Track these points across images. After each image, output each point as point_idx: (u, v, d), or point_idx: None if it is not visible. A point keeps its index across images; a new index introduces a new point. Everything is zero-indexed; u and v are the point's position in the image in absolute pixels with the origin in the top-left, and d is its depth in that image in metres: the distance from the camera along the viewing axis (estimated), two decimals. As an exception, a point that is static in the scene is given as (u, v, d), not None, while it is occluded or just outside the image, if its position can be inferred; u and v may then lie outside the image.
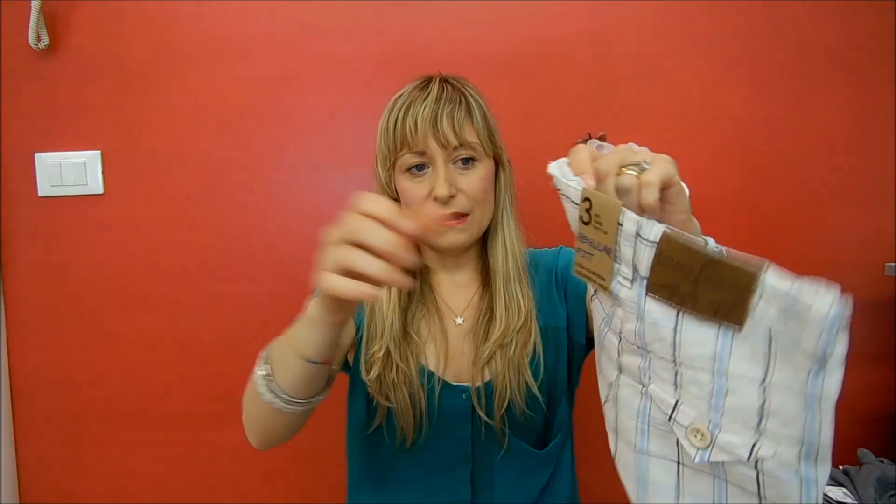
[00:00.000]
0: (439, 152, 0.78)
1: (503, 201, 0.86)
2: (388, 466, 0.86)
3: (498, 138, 0.84)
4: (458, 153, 0.79)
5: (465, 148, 0.79)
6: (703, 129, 1.20)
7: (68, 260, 1.22)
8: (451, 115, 0.78)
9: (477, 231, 0.83)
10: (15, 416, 1.24)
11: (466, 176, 0.80)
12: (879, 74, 1.18)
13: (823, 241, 1.20)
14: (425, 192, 0.79)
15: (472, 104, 0.81)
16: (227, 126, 1.21)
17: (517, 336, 0.81)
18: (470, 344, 0.84)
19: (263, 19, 1.19)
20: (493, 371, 0.81)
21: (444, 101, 0.78)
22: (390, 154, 0.81)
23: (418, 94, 0.80)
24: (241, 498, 1.24)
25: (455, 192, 0.78)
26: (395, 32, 1.19)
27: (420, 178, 0.80)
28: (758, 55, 1.19)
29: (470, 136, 0.79)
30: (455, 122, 0.78)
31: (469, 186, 0.79)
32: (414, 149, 0.78)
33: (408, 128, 0.78)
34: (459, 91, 0.81)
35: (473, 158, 0.80)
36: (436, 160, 0.78)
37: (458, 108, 0.79)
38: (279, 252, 1.22)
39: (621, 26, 1.19)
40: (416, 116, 0.78)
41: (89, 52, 1.19)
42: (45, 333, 1.23)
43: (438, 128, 0.77)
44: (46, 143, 1.20)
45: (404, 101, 0.80)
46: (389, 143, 0.81)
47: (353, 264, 0.50)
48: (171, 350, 1.23)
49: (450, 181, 0.78)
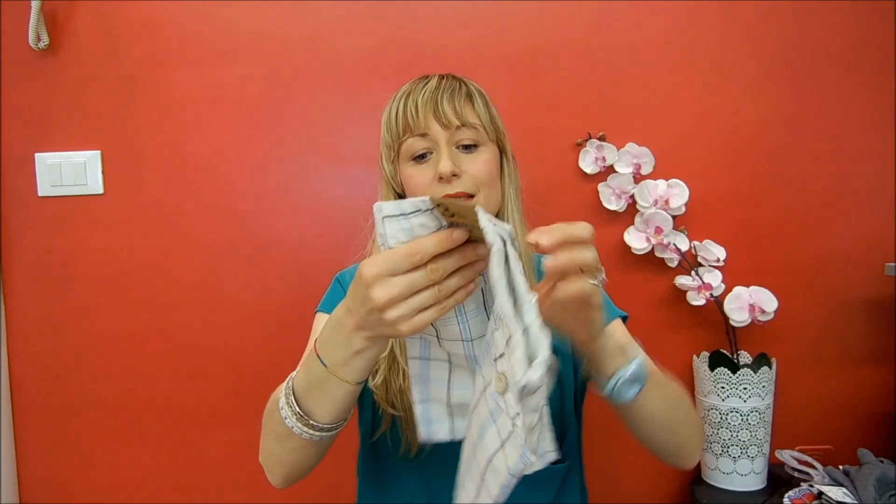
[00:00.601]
0: (441, 133, 0.78)
1: (508, 193, 0.84)
2: (393, 474, 0.85)
3: (501, 127, 0.84)
4: (460, 135, 0.78)
5: (467, 129, 0.78)
6: (703, 129, 1.20)
7: (68, 260, 1.22)
8: (451, 97, 0.78)
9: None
10: (15, 416, 1.24)
11: (470, 158, 0.79)
12: (879, 75, 1.18)
13: (823, 241, 1.20)
14: (430, 177, 0.78)
15: (473, 90, 0.81)
16: (228, 126, 1.21)
17: None
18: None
19: (263, 19, 1.19)
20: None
21: (443, 86, 0.79)
22: (394, 142, 0.81)
23: (418, 83, 0.81)
24: (241, 498, 1.24)
25: (459, 171, 0.78)
26: (396, 32, 1.19)
27: (424, 164, 0.79)
28: (758, 55, 1.19)
29: (471, 117, 0.79)
30: (456, 103, 0.78)
31: (473, 168, 0.78)
32: (416, 132, 0.78)
33: (409, 112, 0.78)
34: (459, 80, 0.82)
35: (477, 143, 0.80)
36: (438, 142, 0.78)
37: (458, 91, 0.79)
38: (279, 252, 1.22)
39: (622, 26, 1.19)
40: (416, 100, 0.78)
41: (89, 52, 1.19)
42: (45, 333, 1.23)
43: (439, 109, 0.77)
44: (46, 143, 1.20)
45: (405, 90, 0.81)
46: (392, 131, 0.81)
47: (422, 305, 0.52)
48: (171, 350, 1.23)
49: (453, 160, 0.77)
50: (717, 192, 1.19)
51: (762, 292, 1.09)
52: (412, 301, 0.51)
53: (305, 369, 0.62)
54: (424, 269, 0.51)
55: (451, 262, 0.52)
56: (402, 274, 0.51)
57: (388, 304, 0.51)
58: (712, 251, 1.14)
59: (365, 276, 0.51)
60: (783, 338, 1.19)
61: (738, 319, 1.09)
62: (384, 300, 0.51)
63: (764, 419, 1.09)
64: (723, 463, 1.10)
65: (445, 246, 0.51)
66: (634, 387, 0.62)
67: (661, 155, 1.17)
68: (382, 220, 0.52)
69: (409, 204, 0.51)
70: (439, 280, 0.51)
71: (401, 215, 0.51)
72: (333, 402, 0.60)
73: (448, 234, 0.51)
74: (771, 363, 1.10)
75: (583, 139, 1.19)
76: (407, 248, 0.51)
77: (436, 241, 0.50)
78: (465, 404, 0.62)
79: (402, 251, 0.51)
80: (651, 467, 1.23)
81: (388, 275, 0.51)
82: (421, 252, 0.50)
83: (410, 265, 0.50)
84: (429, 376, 0.62)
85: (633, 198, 1.16)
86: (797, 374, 1.20)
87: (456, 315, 0.57)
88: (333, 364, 0.58)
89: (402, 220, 0.52)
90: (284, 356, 1.21)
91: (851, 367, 1.22)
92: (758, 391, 1.08)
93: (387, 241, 0.53)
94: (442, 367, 0.62)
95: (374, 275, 0.51)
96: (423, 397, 0.63)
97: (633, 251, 1.16)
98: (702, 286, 1.13)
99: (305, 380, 0.62)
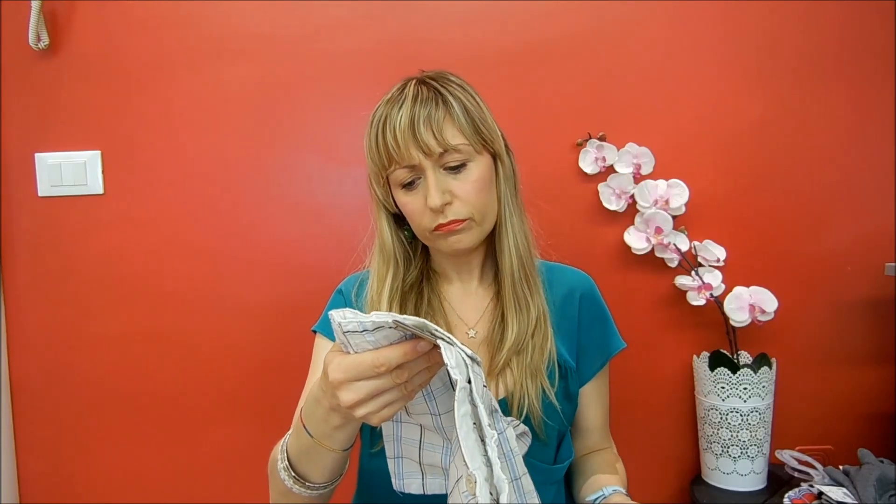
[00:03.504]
0: (426, 162, 0.75)
1: (505, 196, 0.82)
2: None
3: (488, 130, 0.79)
4: (446, 158, 0.75)
5: (450, 153, 0.75)
6: (703, 129, 1.19)
7: (68, 260, 1.22)
8: (428, 121, 0.74)
9: (480, 232, 0.80)
10: (15, 416, 1.24)
11: (459, 180, 0.76)
12: (879, 75, 1.18)
13: (823, 241, 1.20)
14: (422, 203, 0.76)
15: (451, 101, 0.76)
16: (227, 126, 1.21)
17: (532, 340, 0.79)
18: (484, 355, 0.82)
19: (263, 19, 1.19)
20: (508, 380, 0.79)
21: (419, 105, 0.75)
22: (380, 171, 0.79)
23: (394, 103, 0.77)
24: (241, 498, 1.24)
25: (450, 198, 0.76)
26: (395, 32, 1.19)
27: (415, 190, 0.78)
28: (758, 55, 1.19)
29: (454, 138, 0.75)
30: (433, 127, 0.74)
31: (463, 191, 0.76)
32: (402, 163, 0.76)
33: (388, 142, 0.75)
34: (435, 91, 0.77)
35: (464, 162, 0.77)
36: (425, 170, 0.75)
37: (434, 110, 0.75)
38: (279, 252, 1.22)
39: (622, 26, 1.19)
40: (394, 129, 0.75)
41: (89, 52, 1.19)
42: (45, 333, 1.23)
43: (419, 136, 0.74)
44: (46, 143, 1.20)
45: (381, 114, 0.77)
46: (377, 161, 0.78)
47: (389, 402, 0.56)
48: (171, 350, 1.23)
49: (442, 188, 0.75)
50: (717, 192, 1.19)
51: (762, 292, 1.09)
52: (379, 400, 0.55)
53: (296, 436, 0.66)
54: (390, 374, 0.53)
55: (416, 365, 0.54)
56: (368, 379, 0.53)
57: (356, 405, 0.54)
58: (712, 251, 1.14)
59: (331, 380, 0.55)
60: (783, 338, 1.19)
61: (738, 319, 1.09)
62: (351, 402, 0.54)
63: (764, 419, 1.09)
64: (723, 463, 1.10)
65: (410, 358, 0.53)
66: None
67: (661, 155, 1.17)
68: (343, 334, 0.53)
69: (371, 322, 0.52)
70: (404, 382, 0.54)
71: (364, 331, 0.53)
72: (324, 467, 0.65)
73: (412, 345, 0.53)
74: (771, 363, 1.10)
75: (583, 139, 1.19)
76: (372, 357, 0.53)
77: (400, 353, 0.53)
78: (436, 465, 0.64)
79: (368, 361, 0.53)
80: (651, 467, 1.23)
81: (354, 380, 0.54)
82: (386, 364, 0.52)
83: (376, 374, 0.53)
84: (401, 436, 0.65)
85: (633, 198, 1.16)
86: (797, 374, 1.20)
87: (423, 394, 0.60)
88: (318, 435, 0.62)
89: (365, 335, 0.53)
90: (284, 356, 1.21)
91: (851, 367, 1.21)
92: (758, 391, 1.08)
93: (350, 349, 0.54)
94: (413, 430, 0.65)
95: (340, 381, 0.54)
96: (395, 454, 0.66)
97: (633, 251, 1.16)
98: (702, 286, 1.13)
99: (296, 446, 0.66)
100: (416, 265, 0.86)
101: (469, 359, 0.51)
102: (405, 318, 0.50)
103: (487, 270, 0.88)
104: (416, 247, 0.87)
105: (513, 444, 0.58)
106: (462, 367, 0.50)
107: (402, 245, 0.85)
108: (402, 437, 0.65)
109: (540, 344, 0.79)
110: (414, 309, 0.83)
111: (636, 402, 1.21)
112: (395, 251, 0.84)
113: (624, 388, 0.90)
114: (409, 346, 0.53)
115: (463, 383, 0.49)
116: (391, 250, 0.84)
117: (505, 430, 0.57)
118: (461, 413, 0.49)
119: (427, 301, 0.85)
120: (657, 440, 1.23)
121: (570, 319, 0.86)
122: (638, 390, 1.20)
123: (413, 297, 0.84)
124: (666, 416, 1.23)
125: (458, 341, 0.52)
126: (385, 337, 0.53)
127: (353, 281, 0.89)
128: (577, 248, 1.18)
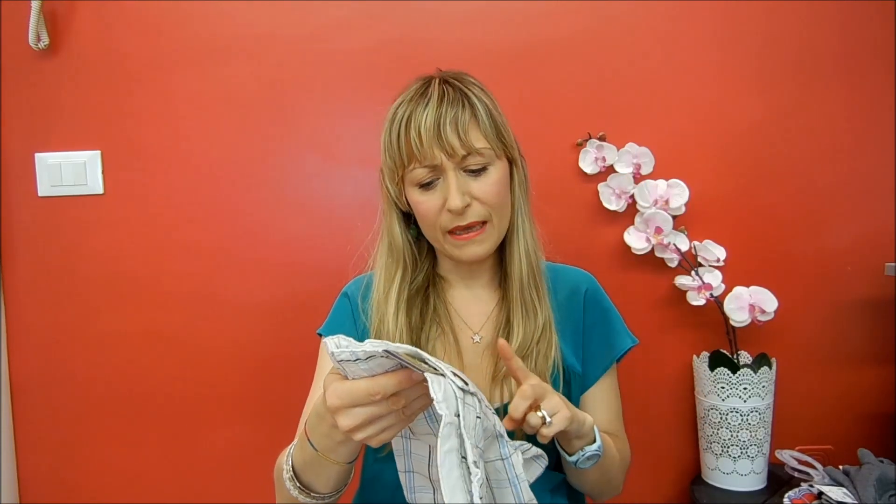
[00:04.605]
0: (448, 164, 0.74)
1: (518, 202, 0.82)
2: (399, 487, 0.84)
3: (508, 136, 0.79)
4: (468, 161, 0.75)
5: (473, 156, 0.75)
6: (704, 129, 1.20)
7: (68, 260, 1.22)
8: (454, 122, 0.73)
9: (496, 238, 0.80)
10: (15, 416, 1.24)
11: (479, 182, 0.76)
12: (879, 75, 1.18)
13: (823, 241, 1.20)
14: (439, 204, 0.76)
15: (477, 104, 0.76)
16: (227, 126, 1.21)
17: (537, 347, 0.79)
18: (489, 360, 0.82)
19: (263, 19, 1.19)
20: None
21: (445, 106, 0.74)
22: (397, 168, 0.78)
23: (418, 101, 0.76)
24: (241, 498, 1.24)
25: (469, 200, 0.75)
26: (396, 31, 1.19)
27: (432, 190, 0.77)
28: (758, 55, 1.19)
29: (477, 141, 0.75)
30: (460, 129, 0.73)
31: (483, 193, 0.76)
32: (423, 163, 0.75)
33: (412, 140, 0.74)
34: (461, 92, 0.76)
35: (485, 166, 0.76)
36: (446, 171, 0.75)
37: (461, 111, 0.74)
38: (279, 251, 1.22)
39: (622, 26, 1.19)
40: (418, 127, 0.73)
41: (89, 52, 1.19)
42: (45, 333, 1.23)
43: (443, 137, 0.73)
44: (46, 143, 1.20)
45: (405, 111, 0.76)
46: (395, 158, 0.77)
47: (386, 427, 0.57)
48: (170, 350, 1.23)
49: (462, 190, 0.75)
50: (717, 192, 1.19)
51: (762, 292, 1.09)
52: (376, 425, 0.55)
53: (300, 448, 0.66)
54: (387, 401, 0.54)
55: (413, 392, 0.55)
56: (364, 406, 0.54)
57: (354, 430, 0.55)
58: (712, 251, 1.14)
59: (329, 405, 0.55)
60: (783, 338, 1.19)
61: (738, 319, 1.09)
62: (349, 427, 0.55)
63: (764, 419, 1.09)
64: (723, 463, 1.10)
65: (405, 386, 0.54)
66: (591, 461, 0.71)
67: (661, 155, 1.17)
68: (338, 362, 0.54)
69: (363, 352, 0.52)
70: (402, 408, 0.55)
71: (357, 360, 0.53)
72: (329, 478, 0.66)
73: (408, 374, 0.53)
74: (771, 363, 1.10)
75: (583, 139, 1.19)
76: (367, 385, 0.53)
77: (395, 382, 0.53)
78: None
79: (364, 388, 0.53)
80: (651, 467, 1.23)
81: (350, 407, 0.54)
82: (382, 392, 0.53)
83: (371, 402, 0.53)
84: (411, 451, 0.66)
85: (633, 198, 1.16)
86: (797, 374, 1.20)
87: (425, 416, 0.60)
88: (322, 449, 0.63)
89: (359, 363, 0.53)
90: (284, 356, 1.21)
91: (851, 367, 1.21)
92: (758, 391, 1.08)
93: (347, 374, 0.55)
94: (422, 446, 0.65)
95: (337, 406, 0.54)
96: (406, 468, 0.67)
97: (633, 251, 1.16)
98: (702, 286, 1.13)
99: (301, 458, 0.66)
100: (422, 268, 0.86)
101: (461, 390, 0.51)
102: (397, 347, 0.51)
103: (494, 275, 0.87)
104: (422, 248, 0.87)
105: (518, 471, 0.57)
106: (451, 401, 0.50)
107: (409, 245, 0.85)
108: (413, 453, 0.65)
109: (544, 351, 0.79)
110: (419, 313, 0.82)
111: (636, 402, 1.20)
112: (405, 251, 0.84)
113: (624, 388, 0.90)
114: (403, 374, 0.53)
115: (450, 418, 0.49)
116: (401, 249, 0.83)
117: (510, 456, 0.58)
118: (445, 449, 0.49)
119: (433, 306, 0.84)
120: (657, 440, 1.23)
121: (574, 321, 0.86)
122: (638, 390, 1.20)
123: (419, 301, 0.84)
124: (666, 415, 1.23)
125: (450, 371, 0.52)
126: (379, 365, 0.53)
127: (359, 283, 0.88)
128: (577, 247, 1.18)
